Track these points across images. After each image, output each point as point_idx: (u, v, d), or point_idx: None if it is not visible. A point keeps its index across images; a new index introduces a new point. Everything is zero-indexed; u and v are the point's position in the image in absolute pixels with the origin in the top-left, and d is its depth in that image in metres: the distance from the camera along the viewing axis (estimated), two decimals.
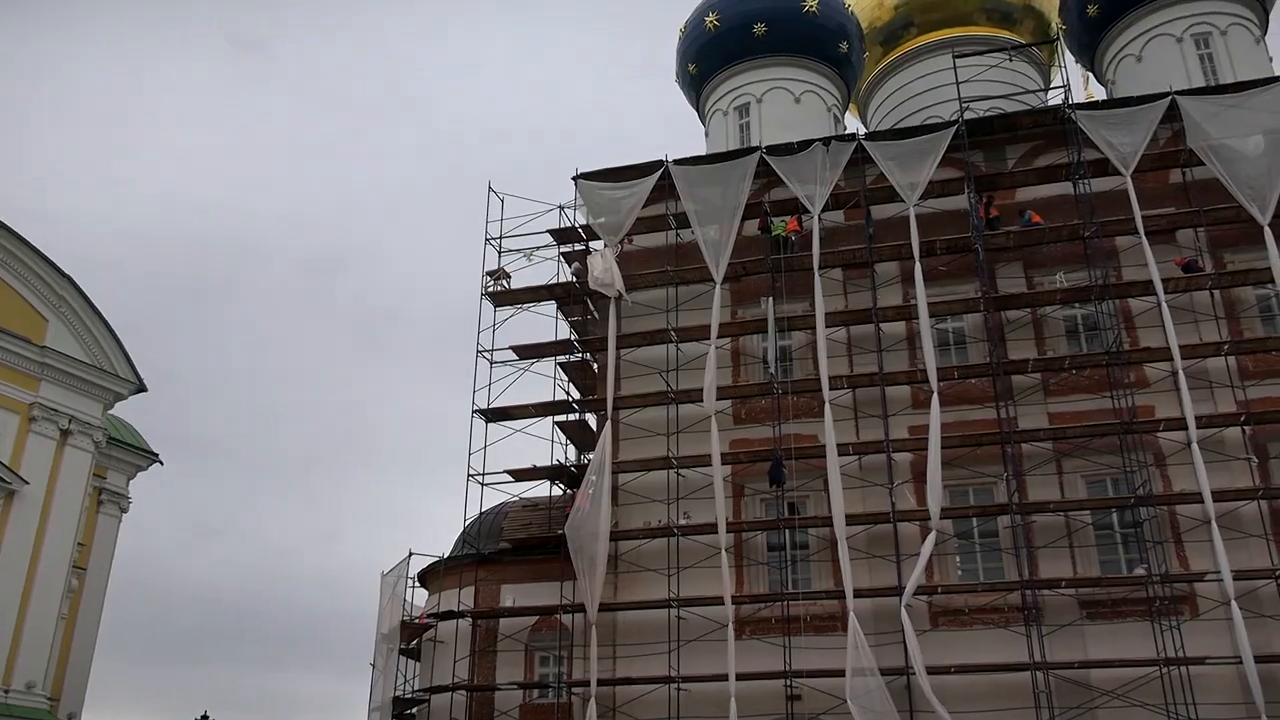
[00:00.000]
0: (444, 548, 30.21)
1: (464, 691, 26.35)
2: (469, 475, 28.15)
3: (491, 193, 30.83)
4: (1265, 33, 32.09)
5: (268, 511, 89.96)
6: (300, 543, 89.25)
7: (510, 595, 27.64)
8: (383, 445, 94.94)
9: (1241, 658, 21.62)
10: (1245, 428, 24.20)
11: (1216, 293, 25.75)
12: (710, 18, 34.37)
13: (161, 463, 38.42)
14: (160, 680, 75.59)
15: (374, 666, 28.47)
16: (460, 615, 27.15)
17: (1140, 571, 23.35)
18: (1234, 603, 22.01)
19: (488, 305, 30.32)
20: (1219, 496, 23.14)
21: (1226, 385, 24.72)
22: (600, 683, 24.73)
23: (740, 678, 23.67)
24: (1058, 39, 34.85)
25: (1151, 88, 28.87)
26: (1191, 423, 23.68)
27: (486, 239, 30.85)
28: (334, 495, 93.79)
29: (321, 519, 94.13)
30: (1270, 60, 31.32)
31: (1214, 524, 22.65)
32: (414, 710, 28.35)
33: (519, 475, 28.54)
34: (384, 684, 27.71)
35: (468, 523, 28.45)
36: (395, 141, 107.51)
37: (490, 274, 30.68)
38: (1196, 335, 25.22)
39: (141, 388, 33.57)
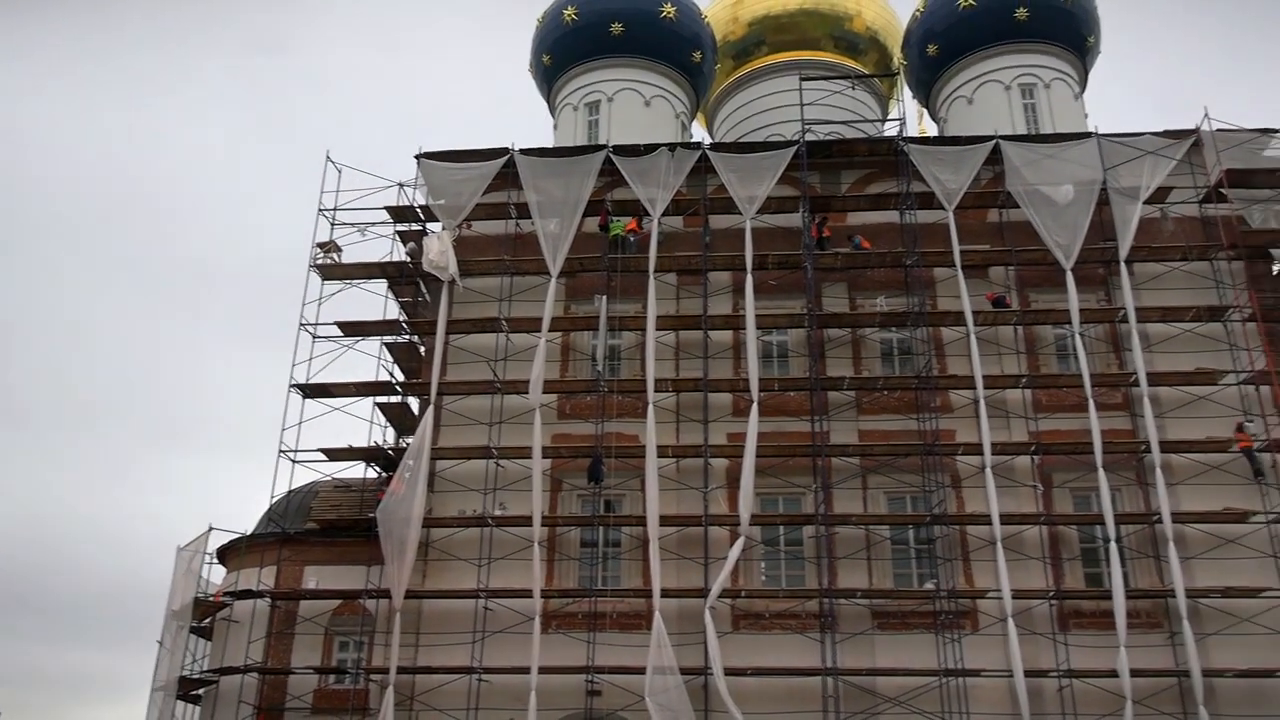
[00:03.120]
0: (248, 525, 29.20)
1: (256, 674, 25.48)
2: (280, 451, 27.26)
3: (329, 163, 30.00)
4: (1083, 90, 34.35)
5: (49, 475, 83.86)
6: (88, 510, 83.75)
7: (314, 577, 26.86)
8: (187, 412, 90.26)
9: (1013, 671, 23.09)
10: (1034, 457, 25.86)
11: (1020, 328, 27.40)
12: (569, 11, 34.33)
13: None
14: None
15: (161, 645, 27.19)
16: (258, 595, 26.24)
17: (930, 586, 24.66)
18: (1010, 620, 23.48)
19: (315, 278, 29.44)
20: (1006, 520, 24.65)
21: (1021, 416, 26.34)
22: (400, 670, 24.34)
23: (543, 671, 23.73)
24: (898, 73, 36.41)
25: (979, 130, 30.49)
26: (987, 449, 25.12)
27: (320, 210, 29.96)
28: (127, 461, 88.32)
29: (113, 486, 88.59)
30: (1086, 116, 33.51)
31: (999, 545, 24.13)
32: (201, 691, 27.22)
33: (333, 455, 27.79)
34: (170, 663, 26.51)
35: (274, 500, 27.56)
36: (236, 100, 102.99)
37: (321, 246, 29.76)
38: (999, 367, 26.76)
39: None
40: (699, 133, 42.35)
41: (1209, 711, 22.65)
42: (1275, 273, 27.94)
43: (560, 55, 34.91)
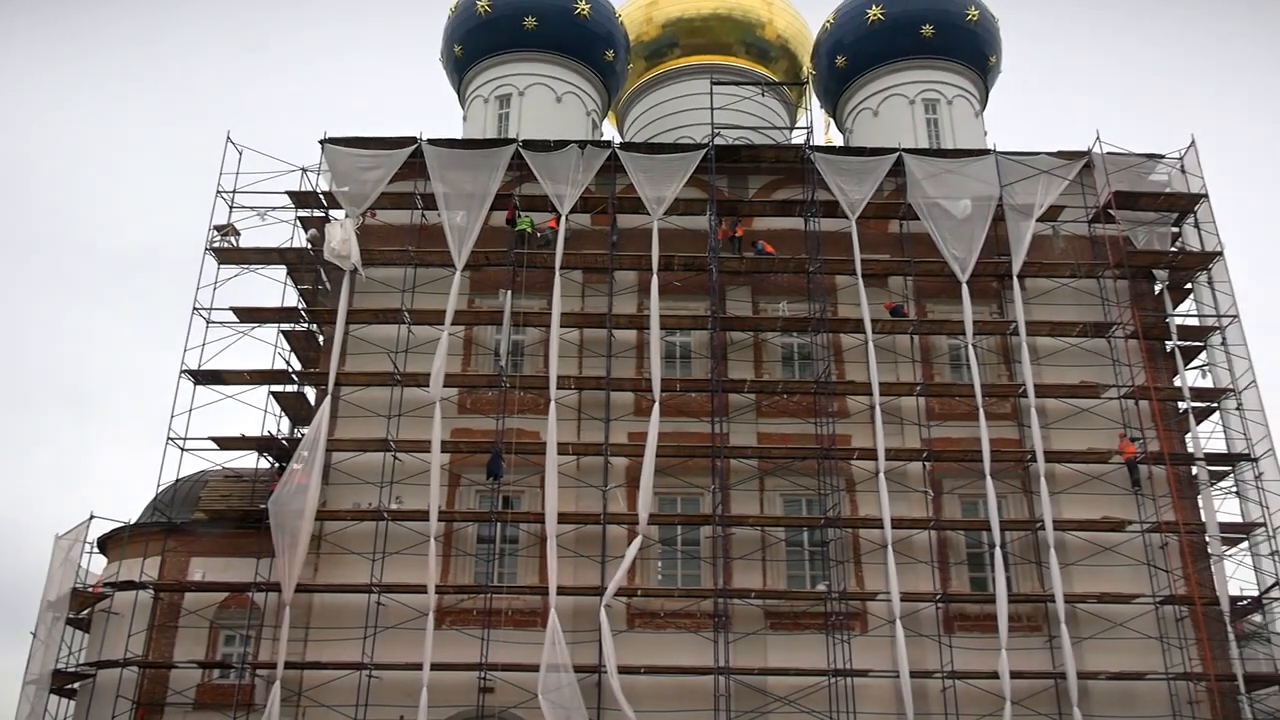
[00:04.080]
0: (132, 514, 28.23)
1: (136, 668, 24.66)
2: (169, 439, 26.44)
3: (230, 144, 29.17)
4: (984, 108, 35.39)
5: None
6: None
7: (200, 569, 26.11)
8: (69, 396, 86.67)
9: (899, 672, 23.67)
10: (926, 463, 26.53)
11: (916, 338, 28.07)
12: (482, 3, 33.96)
13: None
14: None
15: (35, 636, 26.15)
16: (141, 586, 25.37)
17: (822, 588, 25.13)
18: (898, 621, 24.07)
19: (211, 261, 28.61)
20: (897, 524, 25.24)
21: (915, 423, 27.00)
22: (288, 666, 23.82)
23: (435, 668, 23.47)
24: (807, 83, 36.99)
25: (883, 142, 31.16)
26: (881, 454, 25.69)
27: (218, 191, 29.13)
28: (1, 443, 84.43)
29: None
30: (985, 134, 34.54)
31: (890, 549, 24.70)
32: (76, 685, 26.25)
33: (225, 444, 27.07)
34: (44, 655, 25.52)
35: (161, 489, 26.70)
36: (133, 76, 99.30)
37: (218, 229, 28.96)
38: (895, 375, 27.40)
39: None
40: (609, 131, 42.48)
41: (1083, 712, 23.56)
42: (1157, 292, 29.14)
43: (472, 47, 34.57)
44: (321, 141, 28.94)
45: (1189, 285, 29.25)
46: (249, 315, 28.30)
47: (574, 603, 24.67)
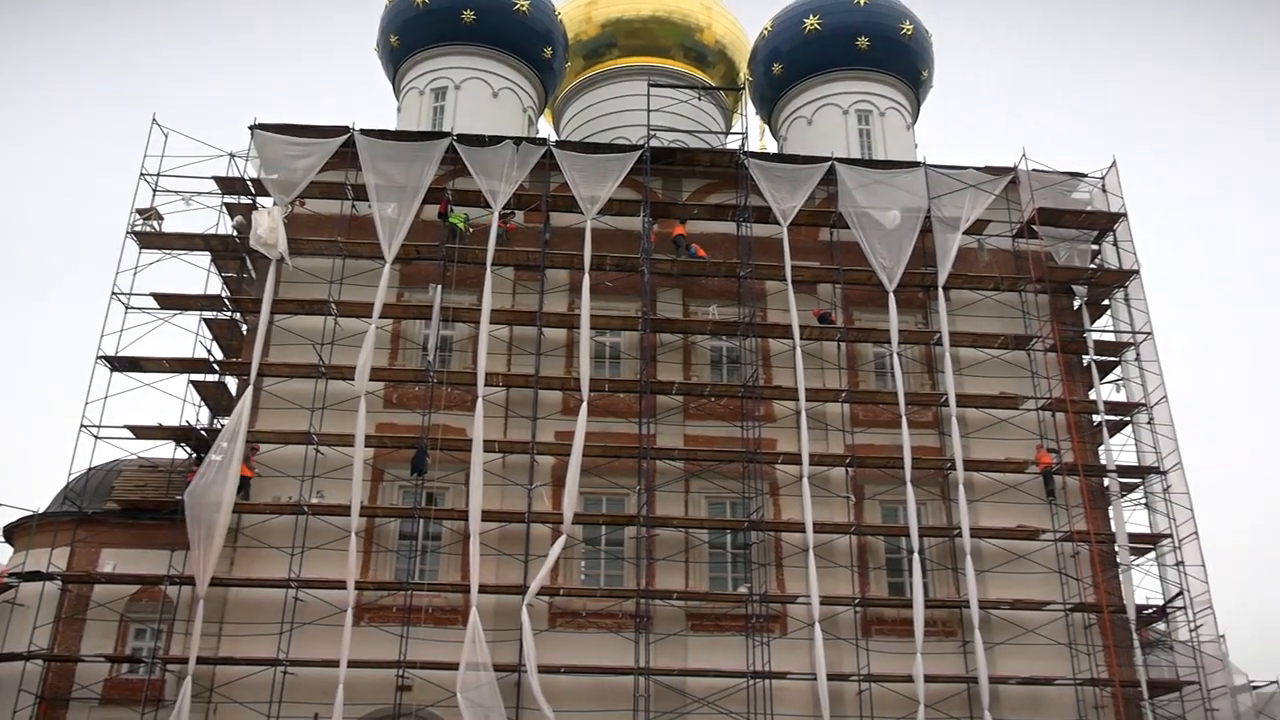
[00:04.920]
0: (41, 502, 27.42)
1: (40, 661, 23.95)
2: (83, 426, 25.73)
3: (155, 125, 28.49)
4: (915, 121, 36.01)
5: None
6: None
7: (111, 560, 25.45)
8: None
9: (816, 674, 23.95)
10: (849, 469, 26.90)
11: (843, 345, 28.43)
12: None
13: None
14: None
15: None
16: (48, 577, 24.62)
17: (743, 590, 25.32)
18: (817, 625, 24.36)
19: (132, 245, 27.91)
20: (819, 528, 25.54)
21: (839, 429, 27.36)
22: (200, 661, 23.32)
23: (352, 665, 23.16)
24: (743, 89, 37.28)
25: (816, 150, 31.50)
26: (805, 459, 25.97)
27: (142, 174, 28.43)
28: None
29: None
30: (916, 147, 35.13)
31: (811, 553, 24.98)
32: None
33: (141, 433, 26.40)
34: None
35: (73, 477, 25.98)
36: (56, 52, 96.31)
37: (140, 212, 28.22)
38: (821, 381, 27.72)
39: None
40: (546, 129, 42.35)
41: (993, 716, 24.06)
42: (1076, 307, 29.89)
43: (408, 38, 34.23)
44: (251, 127, 28.38)
45: (1106, 301, 30.06)
46: (170, 302, 27.64)
47: (495, 601, 24.55)
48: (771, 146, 37.94)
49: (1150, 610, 26.86)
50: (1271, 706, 27.40)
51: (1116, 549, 26.60)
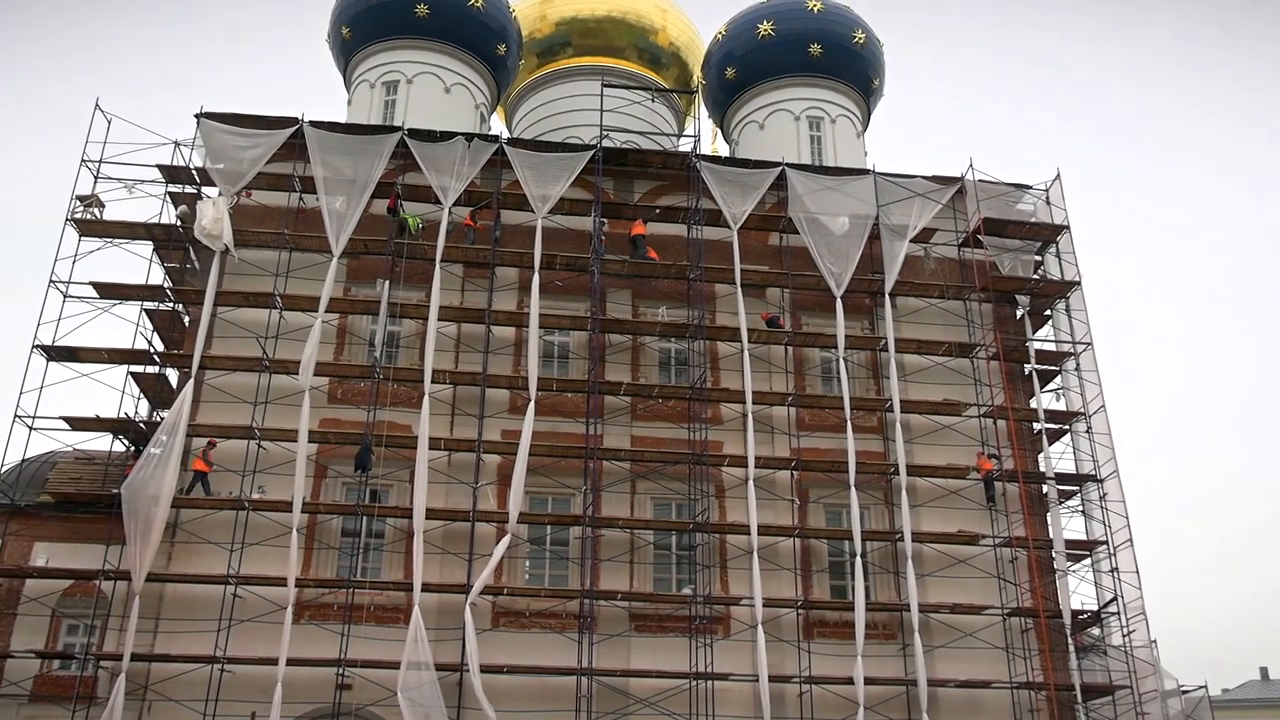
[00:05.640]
0: None
1: None
2: (16, 416, 25.13)
3: (98, 110, 27.89)
4: (865, 129, 36.37)
5: None
6: None
7: (44, 554, 24.90)
8: None
9: (758, 676, 24.09)
10: (794, 472, 27.09)
11: (790, 349, 28.63)
12: None
13: None
14: None
15: None
16: None
17: (687, 591, 25.41)
18: (760, 626, 24.49)
19: (71, 232, 27.33)
20: (763, 531, 25.70)
21: (785, 433, 27.54)
22: (135, 658, 22.86)
23: (291, 663, 22.86)
24: (697, 92, 37.35)
25: (768, 155, 31.63)
26: (751, 462, 26.12)
27: (83, 160, 27.82)
28: None
29: None
30: (866, 154, 35.49)
31: (755, 555, 25.12)
32: None
33: (77, 424, 25.83)
34: None
35: (5, 469, 25.36)
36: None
37: (81, 199, 27.65)
38: (768, 384, 27.89)
39: None
40: (498, 126, 42.12)
41: (931, 718, 24.39)
42: (1019, 317, 30.37)
43: (360, 30, 33.85)
44: (198, 116, 27.93)
45: (1048, 312, 30.60)
46: (110, 291, 27.09)
47: (438, 600, 24.38)
48: (723, 150, 38.11)
49: (1085, 615, 27.41)
50: (1200, 711, 28.06)
51: (1054, 555, 27.09)
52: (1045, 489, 28.05)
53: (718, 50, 36.82)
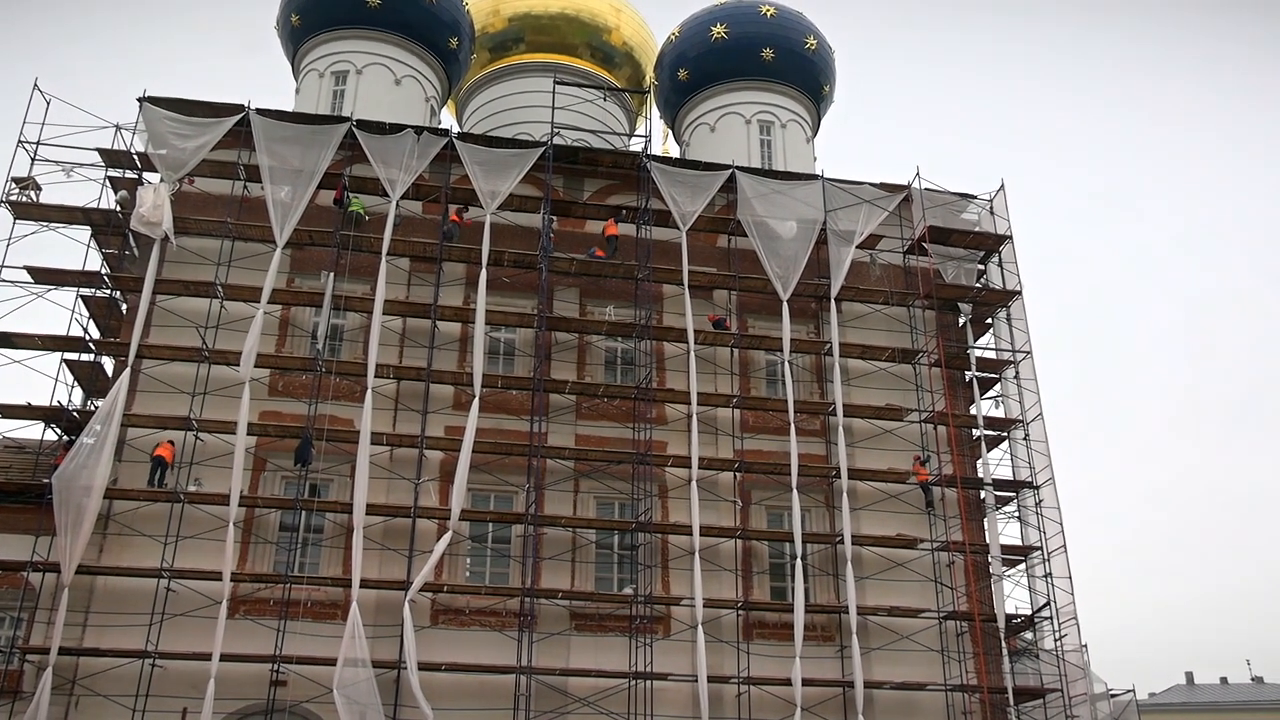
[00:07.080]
0: None
1: None
2: None
3: (37, 91, 27.21)
4: (815, 135, 36.66)
5: None
6: None
7: None
8: None
9: (697, 676, 24.17)
10: (737, 474, 27.23)
11: (736, 351, 28.78)
12: None
13: None
14: None
15: None
16: None
17: (628, 591, 25.42)
18: (700, 627, 24.58)
19: (6, 215, 26.64)
20: (705, 531, 25.80)
21: (729, 434, 27.67)
22: (63, 651, 22.35)
23: (225, 659, 22.48)
24: (649, 92, 37.42)
25: (718, 157, 31.81)
26: (695, 463, 26.21)
27: (20, 141, 27.13)
28: None
29: None
30: (815, 160, 35.78)
31: (696, 555, 25.21)
32: None
33: (8, 412, 25.25)
34: None
35: None
36: None
37: (17, 181, 26.99)
38: (713, 385, 28.03)
39: None
40: (448, 120, 41.83)
41: (866, 719, 24.64)
42: (961, 324, 30.82)
43: (310, 18, 33.39)
44: (140, 100, 27.40)
45: (990, 320, 31.09)
46: (45, 276, 26.46)
47: (377, 596, 24.14)
48: (674, 151, 38.20)
49: (1019, 619, 27.89)
50: (1127, 714, 28.71)
51: (990, 560, 27.51)
52: (983, 494, 28.49)
53: (671, 51, 36.90)
